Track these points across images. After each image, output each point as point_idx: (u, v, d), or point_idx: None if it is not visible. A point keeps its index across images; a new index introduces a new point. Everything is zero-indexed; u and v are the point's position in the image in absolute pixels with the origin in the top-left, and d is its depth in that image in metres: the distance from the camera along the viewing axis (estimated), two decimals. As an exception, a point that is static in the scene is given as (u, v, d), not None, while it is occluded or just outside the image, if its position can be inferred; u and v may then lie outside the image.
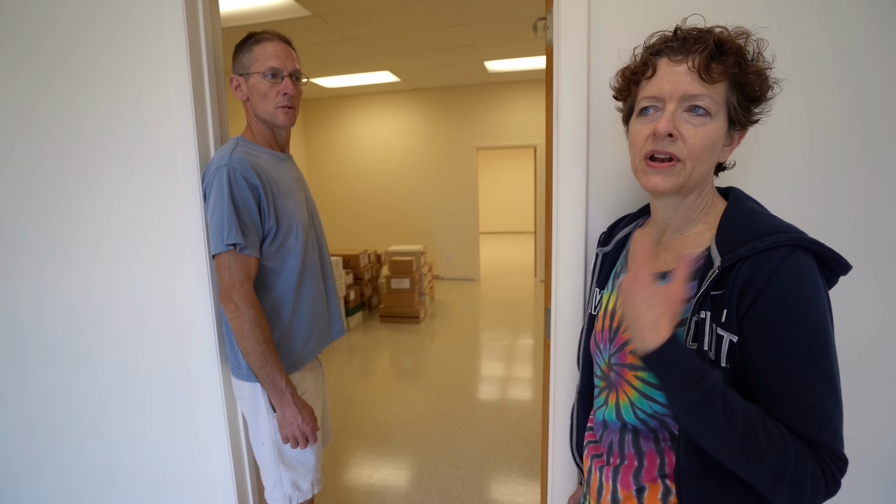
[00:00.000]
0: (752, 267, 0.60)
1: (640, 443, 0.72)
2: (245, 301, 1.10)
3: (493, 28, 4.00)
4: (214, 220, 1.10)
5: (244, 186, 1.11)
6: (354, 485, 2.25)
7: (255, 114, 1.20)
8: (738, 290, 0.60)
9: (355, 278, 4.87)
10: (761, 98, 0.67)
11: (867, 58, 0.92)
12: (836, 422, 0.58)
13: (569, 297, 1.09)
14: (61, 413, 1.53)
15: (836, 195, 0.97)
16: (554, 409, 1.15)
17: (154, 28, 1.24)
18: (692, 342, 0.64)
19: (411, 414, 2.91)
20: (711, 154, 0.67)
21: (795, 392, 0.58)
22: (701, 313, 0.63)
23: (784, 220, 0.64)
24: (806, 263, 0.59)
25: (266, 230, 1.16)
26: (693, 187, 0.69)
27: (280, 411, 1.15)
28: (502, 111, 6.23)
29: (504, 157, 11.34)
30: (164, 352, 1.40)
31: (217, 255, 1.11)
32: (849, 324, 0.98)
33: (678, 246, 0.73)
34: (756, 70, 0.65)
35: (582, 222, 1.06)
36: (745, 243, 0.61)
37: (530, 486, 2.18)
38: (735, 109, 0.66)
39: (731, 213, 0.68)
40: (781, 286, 0.58)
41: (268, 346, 1.12)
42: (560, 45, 1.01)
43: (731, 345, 0.60)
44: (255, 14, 3.50)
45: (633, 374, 0.72)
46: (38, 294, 1.47)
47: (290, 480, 1.24)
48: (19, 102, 1.38)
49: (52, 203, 1.41)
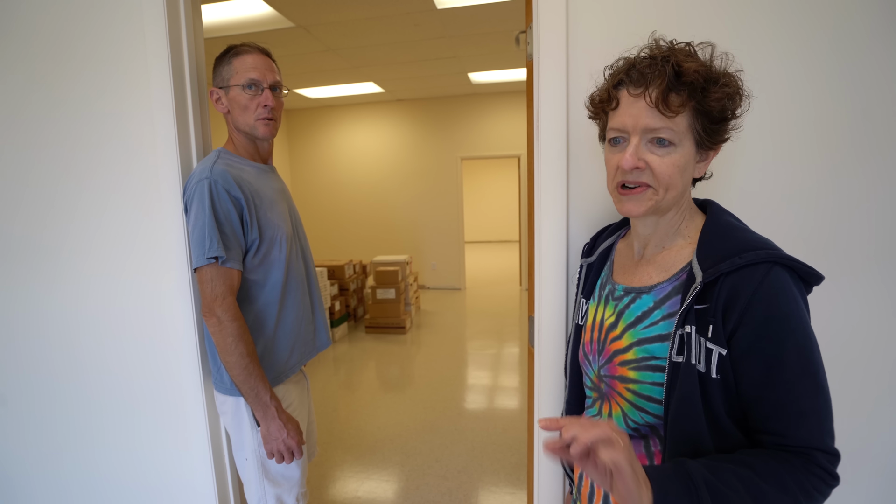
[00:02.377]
0: (734, 283, 0.62)
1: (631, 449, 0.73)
2: (228, 314, 1.08)
3: (476, 40, 4.06)
4: (196, 234, 1.09)
5: (226, 199, 1.10)
6: (341, 498, 2.22)
7: (236, 126, 1.20)
8: (722, 305, 0.63)
9: (340, 289, 4.83)
10: (727, 119, 0.68)
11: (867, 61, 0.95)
12: (826, 422, 0.62)
13: (552, 305, 1.11)
14: (49, 420, 1.50)
15: (837, 199, 0.99)
16: (539, 417, 1.16)
17: (136, 38, 1.24)
18: (677, 355, 0.66)
19: (398, 425, 2.89)
20: (682, 177, 0.68)
21: (789, 400, 0.61)
22: (686, 327, 0.65)
23: (759, 235, 0.67)
24: (785, 279, 0.62)
25: (249, 242, 1.15)
26: (669, 207, 0.71)
27: (265, 426, 1.14)
28: (486, 122, 6.30)
29: (488, 166, 11.43)
30: (150, 361, 1.38)
31: (199, 268, 1.09)
32: (847, 328, 1.01)
33: (661, 260, 0.75)
34: (718, 96, 0.65)
35: (563, 232, 1.08)
36: (724, 259, 0.64)
37: (517, 496, 2.18)
38: (700, 134, 0.67)
39: (710, 227, 0.70)
40: (766, 303, 0.61)
41: (251, 359, 1.11)
42: (540, 60, 1.04)
43: (720, 357, 0.63)
44: (239, 25, 3.50)
45: (623, 387, 0.74)
46: (28, 301, 1.45)
47: (274, 496, 1.21)
48: (7, 109, 1.36)
49: (41, 210, 1.39)
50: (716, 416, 0.64)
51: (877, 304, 1.01)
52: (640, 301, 0.74)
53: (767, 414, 0.62)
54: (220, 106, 1.19)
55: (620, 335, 0.75)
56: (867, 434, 1.05)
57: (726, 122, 0.69)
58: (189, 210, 1.13)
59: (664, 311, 0.71)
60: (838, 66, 0.96)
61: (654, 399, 0.70)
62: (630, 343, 0.73)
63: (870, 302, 1.01)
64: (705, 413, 0.64)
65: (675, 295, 0.70)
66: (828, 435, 0.63)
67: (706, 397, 0.64)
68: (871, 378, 1.03)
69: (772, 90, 0.98)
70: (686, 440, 0.66)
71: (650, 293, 0.73)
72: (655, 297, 0.72)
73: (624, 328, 0.75)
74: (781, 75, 0.98)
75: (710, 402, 0.64)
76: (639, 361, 0.71)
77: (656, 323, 0.71)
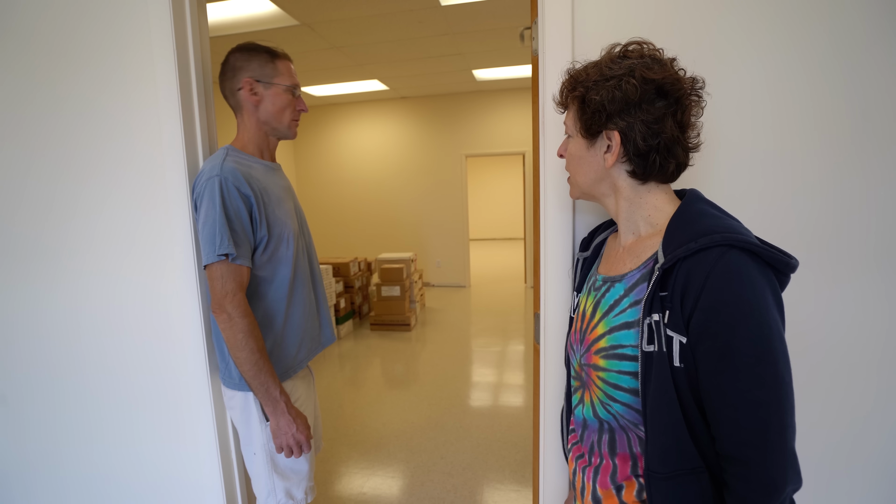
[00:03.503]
0: (689, 268, 0.62)
1: (616, 445, 0.75)
2: (238, 311, 1.09)
3: (480, 37, 4.05)
4: (206, 231, 1.10)
5: (236, 196, 1.11)
6: (346, 494, 2.23)
7: (263, 121, 1.21)
8: (679, 291, 0.62)
9: (345, 286, 4.85)
10: (600, 109, 0.71)
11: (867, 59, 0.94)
12: (785, 416, 0.59)
13: (558, 302, 1.11)
14: (51, 418, 1.51)
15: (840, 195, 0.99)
16: (544, 414, 1.16)
17: (142, 34, 1.24)
18: (647, 344, 0.66)
19: (403, 422, 2.89)
20: (583, 163, 0.77)
21: (743, 389, 0.59)
22: (654, 315, 0.65)
23: (731, 222, 0.65)
24: (740, 262, 0.59)
25: (258, 239, 1.16)
26: (598, 193, 0.79)
27: (274, 420, 1.15)
28: (491, 119, 6.28)
29: (493, 164, 11.41)
30: (154, 358, 1.38)
31: (209, 265, 1.10)
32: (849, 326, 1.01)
33: (634, 248, 0.76)
34: (595, 91, 0.71)
35: (569, 229, 1.08)
36: (683, 245, 0.63)
37: (522, 493, 2.18)
38: (581, 123, 0.75)
39: (678, 214, 0.70)
40: (717, 287, 0.59)
41: (261, 355, 1.12)
42: (545, 55, 1.04)
43: (681, 345, 0.62)
44: (244, 23, 3.51)
45: (596, 375, 0.75)
46: (29, 299, 1.46)
47: (283, 490, 1.22)
48: (9, 107, 1.37)
49: (42, 208, 1.40)
50: (685, 407, 0.63)
51: (877, 302, 1.00)
52: (613, 289, 0.76)
53: (723, 402, 0.60)
54: (253, 97, 1.18)
55: (597, 324, 0.76)
56: (869, 432, 1.04)
57: (600, 112, 0.71)
58: (199, 207, 1.13)
59: (632, 298, 0.72)
60: (839, 62, 0.95)
61: (621, 388, 0.71)
62: (604, 331, 0.74)
63: (870, 300, 1.00)
64: (680, 404, 0.63)
65: (642, 282, 0.71)
66: (786, 429, 0.59)
67: (677, 387, 0.63)
68: (872, 375, 1.02)
69: (775, 84, 0.97)
70: (665, 432, 0.65)
71: (622, 281, 0.75)
72: (626, 284, 0.74)
73: (600, 317, 0.76)
74: (784, 69, 0.97)
75: (680, 392, 0.63)
76: (608, 350, 0.73)
77: (625, 311, 0.72)
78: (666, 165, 0.71)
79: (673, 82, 0.68)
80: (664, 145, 0.70)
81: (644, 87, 0.68)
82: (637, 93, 0.68)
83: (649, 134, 0.69)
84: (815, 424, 1.05)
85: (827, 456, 1.06)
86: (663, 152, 0.70)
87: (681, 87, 0.69)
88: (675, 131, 0.69)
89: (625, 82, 0.68)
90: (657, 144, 0.69)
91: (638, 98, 0.68)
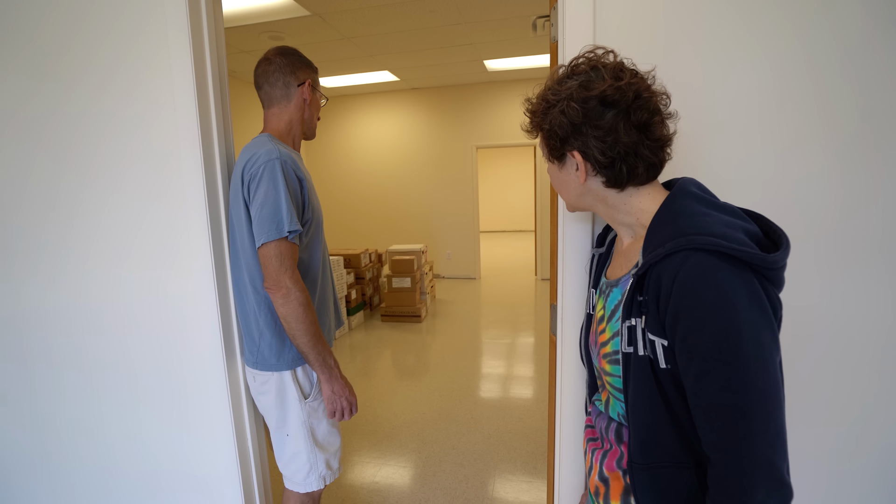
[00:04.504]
0: (659, 273, 0.62)
1: (623, 435, 0.77)
2: (297, 285, 1.14)
3: (492, 27, 4.00)
4: (267, 210, 1.12)
5: (293, 178, 1.17)
6: (359, 483, 2.25)
7: (305, 119, 1.31)
8: (654, 296, 0.63)
9: (356, 278, 4.86)
10: (553, 135, 0.73)
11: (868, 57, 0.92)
12: (754, 421, 0.56)
13: (575, 294, 1.10)
14: (61, 413, 1.54)
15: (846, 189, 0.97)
16: (560, 406, 1.15)
17: (158, 27, 1.24)
18: (627, 346, 0.68)
19: (414, 412, 2.91)
20: (562, 183, 0.78)
21: (710, 393, 0.58)
22: (631, 319, 0.67)
23: (708, 219, 0.63)
24: (705, 266, 0.58)
25: (304, 221, 1.22)
26: (587, 206, 0.79)
27: (329, 386, 1.22)
28: (502, 110, 6.22)
29: (504, 155, 11.33)
30: (165, 350, 1.40)
31: (267, 243, 1.12)
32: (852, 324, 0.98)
33: (627, 251, 0.78)
34: (547, 118, 0.72)
35: (588, 221, 1.06)
36: (655, 249, 0.64)
37: (535, 484, 2.19)
38: (546, 149, 0.77)
39: (656, 216, 0.69)
40: (682, 292, 0.59)
41: (317, 326, 1.18)
42: (565, 42, 1.01)
43: (664, 348, 0.63)
44: (256, 14, 3.50)
45: (606, 379, 0.77)
46: (38, 294, 1.48)
47: (324, 461, 1.29)
48: (18, 104, 1.38)
49: (48, 202, 1.41)
50: (673, 406, 0.65)
51: (883, 296, 0.98)
52: (612, 294, 0.77)
53: (697, 405, 0.60)
54: (307, 95, 1.28)
55: (604, 328, 0.77)
56: (876, 435, 1.02)
57: (554, 136, 0.73)
58: (256, 188, 1.14)
59: None
60: (844, 57, 0.92)
61: (622, 390, 0.73)
62: (609, 336, 0.76)
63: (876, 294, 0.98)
64: (663, 403, 0.65)
65: None
66: (750, 437, 0.56)
67: (661, 387, 0.65)
68: (875, 370, 1.00)
69: (779, 78, 0.94)
70: (644, 430, 0.67)
71: (618, 286, 0.76)
72: (621, 289, 0.75)
73: (606, 321, 0.77)
74: (791, 62, 0.94)
75: (666, 391, 0.64)
76: (611, 355, 0.74)
77: None
78: (634, 170, 0.70)
79: (613, 92, 0.67)
80: (625, 152, 0.69)
81: (585, 107, 0.68)
82: (580, 114, 0.68)
83: (606, 146, 0.69)
84: (817, 419, 1.03)
85: (824, 453, 1.05)
86: (628, 158, 0.69)
87: (624, 94, 0.67)
88: (633, 136, 0.68)
89: (567, 106, 0.69)
90: (618, 153, 0.69)
91: (582, 118, 0.68)
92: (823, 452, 1.05)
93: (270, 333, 1.22)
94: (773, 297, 0.61)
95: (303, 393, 1.25)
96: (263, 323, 1.22)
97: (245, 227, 1.19)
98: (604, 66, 0.70)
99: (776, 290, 0.61)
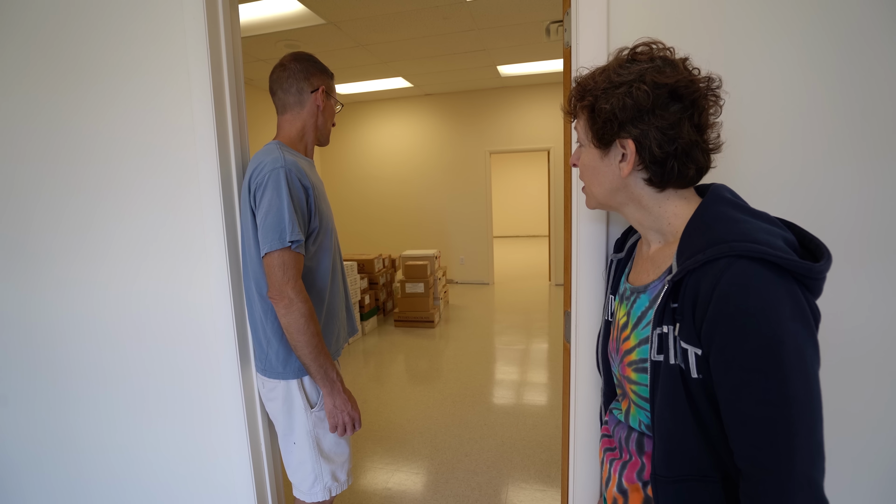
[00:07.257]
0: (698, 280, 0.60)
1: (644, 446, 0.75)
2: (300, 296, 1.14)
3: (505, 33, 4.00)
4: (270, 219, 1.12)
5: (298, 187, 1.16)
6: (371, 489, 2.25)
7: (319, 125, 1.31)
8: (690, 303, 0.61)
9: (370, 283, 4.88)
10: (611, 118, 0.68)
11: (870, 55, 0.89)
12: (794, 437, 0.54)
13: (589, 301, 1.08)
14: (73, 424, 1.55)
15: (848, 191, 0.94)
16: (575, 414, 1.14)
17: (176, 36, 1.26)
18: (657, 354, 0.66)
19: (427, 418, 2.90)
20: (598, 173, 0.74)
21: (748, 405, 0.56)
22: (663, 327, 0.65)
23: (747, 226, 0.61)
24: (749, 273, 0.56)
25: (311, 229, 1.21)
26: (616, 204, 0.75)
27: (330, 400, 1.20)
28: (515, 115, 6.22)
29: (517, 160, 11.31)
30: (180, 361, 1.41)
31: (271, 252, 1.13)
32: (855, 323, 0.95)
33: (656, 257, 0.75)
34: (604, 99, 0.68)
35: (603, 224, 1.05)
36: (693, 255, 0.61)
37: (548, 493, 2.16)
38: (592, 132, 0.72)
39: (692, 221, 0.67)
40: (723, 300, 0.57)
41: (319, 338, 1.17)
42: (578, 47, 1.01)
43: (696, 357, 0.61)
44: (272, 23, 3.56)
45: (629, 388, 0.75)
46: (54, 307, 1.50)
47: (329, 472, 1.27)
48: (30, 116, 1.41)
49: (59, 214, 1.44)
50: (703, 417, 0.62)
51: None
52: (639, 301, 0.75)
53: (734, 419, 0.58)
54: (320, 102, 1.29)
55: (629, 335, 0.75)
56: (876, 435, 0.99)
57: (612, 121, 0.68)
58: (259, 198, 1.15)
59: None
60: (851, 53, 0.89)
61: (648, 399, 0.71)
62: (634, 344, 0.73)
63: None
64: (692, 414, 0.62)
65: None
66: (791, 453, 0.54)
67: (691, 397, 0.62)
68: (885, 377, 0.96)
69: (790, 74, 0.92)
70: (671, 440, 0.65)
71: (646, 292, 0.74)
72: (650, 295, 0.72)
73: (631, 328, 0.75)
74: (806, 57, 0.91)
75: (696, 402, 0.62)
76: (638, 363, 0.72)
77: (650, 323, 0.70)
78: (685, 171, 0.68)
79: (687, 84, 0.65)
80: (682, 150, 0.66)
81: (656, 92, 0.65)
82: (649, 99, 0.65)
83: (665, 140, 0.66)
84: (835, 427, 0.99)
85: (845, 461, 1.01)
86: (681, 157, 0.67)
87: (696, 89, 0.66)
88: (692, 135, 0.66)
89: (635, 88, 0.65)
90: (674, 150, 0.66)
91: (650, 104, 0.65)
92: (842, 460, 1.01)
93: (277, 342, 1.22)
94: (815, 308, 0.59)
95: (309, 402, 1.24)
96: (270, 331, 1.23)
97: (252, 236, 1.19)
98: (671, 57, 0.68)
99: (815, 300, 0.60)
